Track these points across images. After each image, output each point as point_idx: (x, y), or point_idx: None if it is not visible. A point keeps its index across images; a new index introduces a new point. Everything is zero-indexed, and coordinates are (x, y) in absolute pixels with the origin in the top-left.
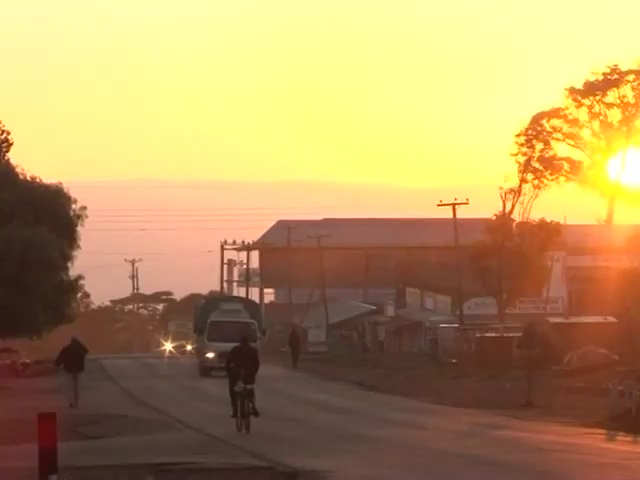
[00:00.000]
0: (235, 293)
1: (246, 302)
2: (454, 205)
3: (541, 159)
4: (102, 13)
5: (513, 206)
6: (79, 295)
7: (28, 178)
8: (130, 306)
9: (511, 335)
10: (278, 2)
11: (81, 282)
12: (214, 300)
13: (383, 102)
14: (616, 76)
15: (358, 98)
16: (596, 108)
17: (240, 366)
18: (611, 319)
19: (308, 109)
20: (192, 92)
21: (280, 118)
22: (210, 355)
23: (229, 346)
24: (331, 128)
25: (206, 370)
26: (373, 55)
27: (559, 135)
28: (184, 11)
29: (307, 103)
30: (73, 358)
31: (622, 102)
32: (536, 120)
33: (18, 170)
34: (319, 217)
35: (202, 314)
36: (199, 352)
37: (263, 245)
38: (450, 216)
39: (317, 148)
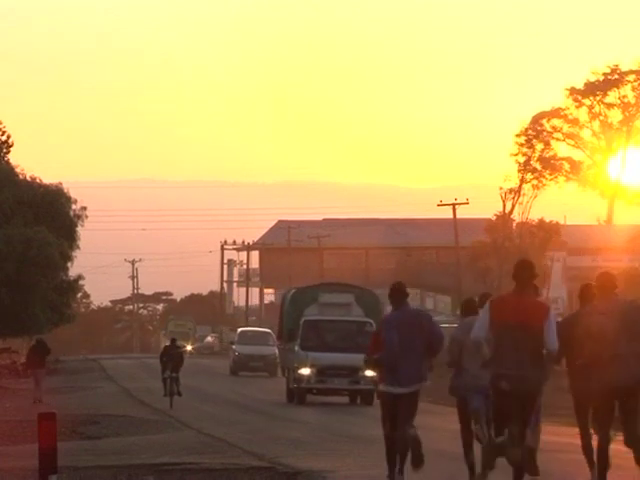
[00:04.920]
0: (235, 293)
1: (359, 291)
2: (454, 205)
3: (541, 159)
4: (102, 14)
5: (513, 206)
6: (79, 295)
7: (28, 178)
8: (130, 306)
9: None
10: (279, 4)
11: (81, 282)
12: (310, 289)
13: (383, 103)
14: (616, 76)
15: (358, 99)
16: (596, 108)
17: (169, 360)
18: None
19: (308, 110)
20: (192, 93)
21: (280, 119)
22: (305, 372)
23: (334, 357)
24: (331, 129)
25: (299, 394)
26: (373, 56)
27: (559, 135)
28: (186, 13)
29: (307, 104)
30: (37, 357)
31: (622, 102)
32: (536, 120)
33: (18, 170)
34: (319, 217)
35: (292, 310)
36: (286, 366)
37: (263, 245)
38: (450, 216)
39: (317, 148)
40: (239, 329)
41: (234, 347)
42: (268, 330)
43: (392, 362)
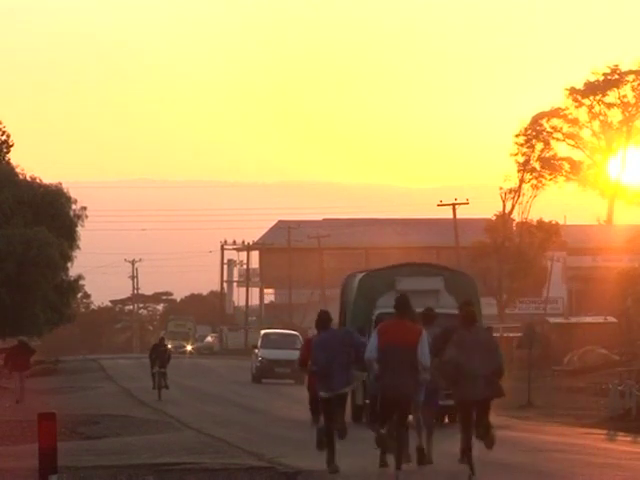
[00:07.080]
0: (235, 293)
1: (449, 274)
2: (454, 205)
3: (541, 159)
4: (103, 15)
5: (513, 206)
6: (79, 295)
7: (28, 178)
8: (130, 306)
9: (511, 335)
10: (279, 5)
11: (81, 282)
12: (384, 272)
13: (383, 103)
14: (616, 76)
15: (358, 99)
16: (596, 108)
17: (157, 357)
18: (611, 319)
19: (308, 110)
20: (192, 93)
21: (280, 119)
22: None
23: None
24: (331, 129)
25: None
26: (372, 56)
27: (559, 135)
28: (186, 14)
29: (307, 104)
30: (19, 359)
31: (622, 102)
32: (536, 120)
33: (18, 170)
34: (319, 217)
35: (361, 300)
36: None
37: (263, 245)
38: (450, 216)
39: (317, 148)
40: (262, 331)
41: (257, 351)
42: (295, 332)
43: (321, 375)
